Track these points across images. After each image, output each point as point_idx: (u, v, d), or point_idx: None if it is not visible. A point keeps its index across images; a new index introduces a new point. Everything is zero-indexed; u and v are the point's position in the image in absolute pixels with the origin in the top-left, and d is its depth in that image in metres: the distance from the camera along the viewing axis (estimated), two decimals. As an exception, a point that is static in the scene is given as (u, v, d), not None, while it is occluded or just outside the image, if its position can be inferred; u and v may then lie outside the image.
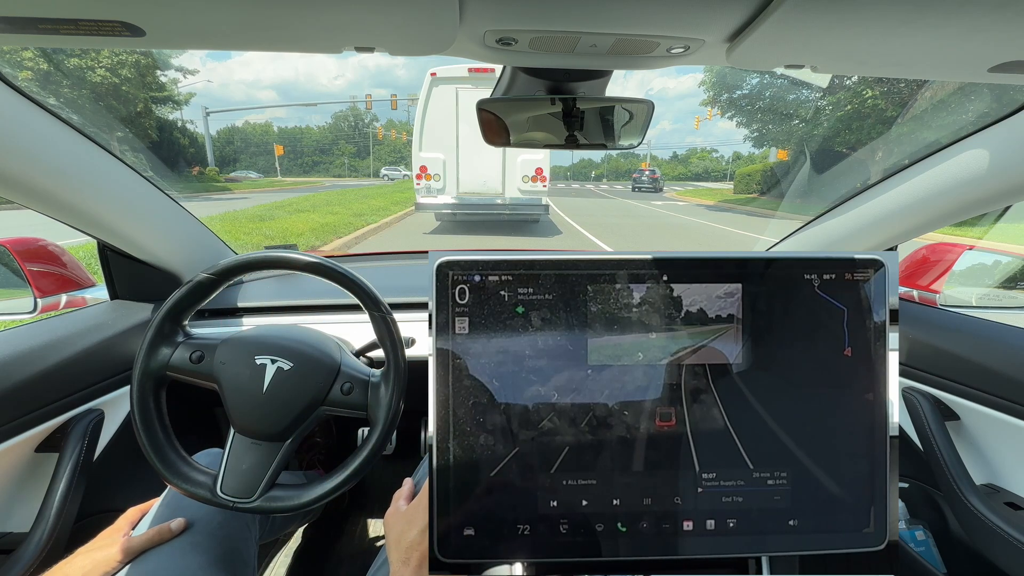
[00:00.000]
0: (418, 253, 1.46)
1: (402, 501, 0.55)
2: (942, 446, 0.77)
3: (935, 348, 0.81)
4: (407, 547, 0.48)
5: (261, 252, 0.66)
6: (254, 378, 0.63)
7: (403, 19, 0.41)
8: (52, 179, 0.66)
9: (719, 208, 18.29)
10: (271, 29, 0.43)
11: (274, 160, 54.94)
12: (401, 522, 0.51)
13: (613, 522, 0.42)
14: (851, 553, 0.43)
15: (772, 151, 22.24)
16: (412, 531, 0.48)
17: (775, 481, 0.42)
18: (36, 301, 0.85)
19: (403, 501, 0.55)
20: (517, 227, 8.87)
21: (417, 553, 0.47)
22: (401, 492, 0.57)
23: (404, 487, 0.58)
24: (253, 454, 0.63)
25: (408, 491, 0.57)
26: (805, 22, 0.39)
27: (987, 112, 2.64)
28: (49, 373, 0.72)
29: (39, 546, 0.68)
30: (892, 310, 0.42)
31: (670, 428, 0.42)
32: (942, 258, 0.97)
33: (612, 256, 0.42)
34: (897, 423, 0.43)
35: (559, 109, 0.68)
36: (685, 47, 0.49)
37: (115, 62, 18.54)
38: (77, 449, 0.74)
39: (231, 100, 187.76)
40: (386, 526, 0.53)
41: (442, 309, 0.41)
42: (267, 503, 0.62)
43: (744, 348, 0.42)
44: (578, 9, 0.42)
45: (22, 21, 0.39)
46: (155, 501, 0.72)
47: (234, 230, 7.68)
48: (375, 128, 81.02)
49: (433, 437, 0.41)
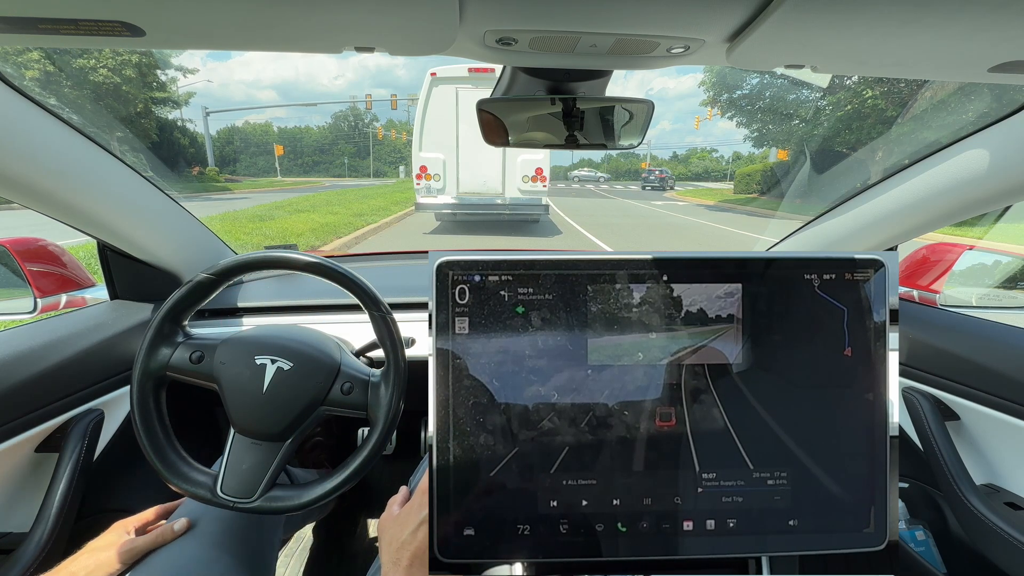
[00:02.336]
0: (418, 253, 1.46)
1: (396, 506, 0.56)
2: (942, 446, 0.77)
3: (935, 348, 0.81)
4: (398, 547, 0.48)
5: (261, 252, 0.66)
6: (254, 378, 0.63)
7: (403, 19, 0.41)
8: (52, 179, 0.66)
9: (719, 208, 18.30)
10: (271, 29, 0.43)
11: (274, 160, 54.95)
12: (394, 524, 0.51)
13: (613, 522, 0.42)
14: (851, 553, 0.43)
15: (772, 151, 22.24)
16: (403, 532, 0.49)
17: (775, 481, 0.42)
18: (36, 301, 0.85)
19: (397, 506, 0.56)
20: (517, 227, 8.87)
21: (408, 553, 0.47)
22: (396, 498, 0.58)
23: (399, 493, 0.59)
24: (253, 454, 0.63)
25: (403, 497, 0.58)
26: (805, 22, 0.39)
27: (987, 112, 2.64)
28: (49, 373, 0.72)
29: (39, 546, 0.68)
30: (892, 310, 0.42)
31: (670, 428, 0.42)
32: (942, 258, 0.97)
33: (612, 256, 0.42)
34: (897, 423, 0.43)
35: (559, 109, 0.68)
36: (685, 47, 0.49)
37: (116, 62, 18.55)
38: (77, 449, 0.74)
39: (231, 100, 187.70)
40: (380, 530, 0.53)
41: (442, 309, 0.41)
42: (267, 503, 0.62)
43: (744, 348, 0.42)
44: (578, 9, 0.42)
45: (22, 21, 0.39)
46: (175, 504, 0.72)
47: (234, 230, 7.68)
48: (375, 128, 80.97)
49: (433, 437, 0.41)
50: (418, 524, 0.48)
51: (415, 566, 0.46)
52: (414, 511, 0.50)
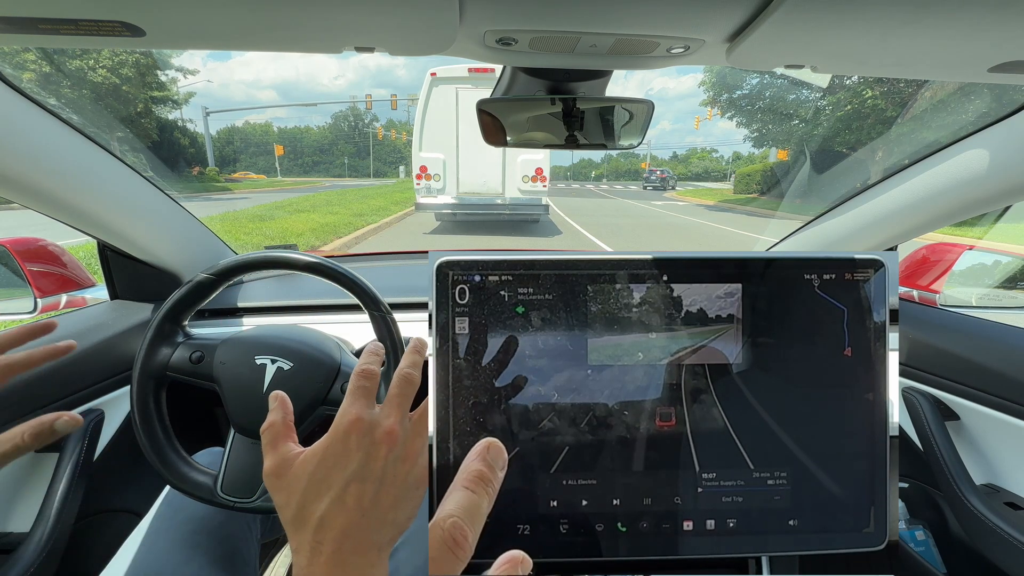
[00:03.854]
0: (418, 253, 1.46)
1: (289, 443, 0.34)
2: (942, 446, 0.77)
3: (935, 348, 0.81)
4: (316, 525, 0.30)
5: (261, 252, 0.66)
6: (254, 378, 0.63)
7: (403, 19, 0.41)
8: (52, 179, 0.66)
9: (719, 208, 18.29)
10: (271, 29, 0.43)
11: (274, 160, 54.96)
12: (301, 479, 0.31)
13: (613, 522, 0.42)
14: (851, 553, 0.43)
15: (772, 151, 22.24)
16: (321, 501, 0.30)
17: (775, 481, 0.42)
18: (36, 301, 0.85)
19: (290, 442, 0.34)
20: (517, 227, 8.87)
21: (332, 533, 0.30)
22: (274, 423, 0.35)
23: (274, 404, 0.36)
24: (253, 454, 0.63)
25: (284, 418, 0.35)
26: (805, 22, 0.39)
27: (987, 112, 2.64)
28: (49, 373, 0.72)
29: (39, 546, 0.68)
30: (892, 310, 0.42)
31: (670, 428, 0.42)
32: (942, 258, 0.97)
33: (612, 256, 0.42)
34: (897, 423, 0.43)
35: (559, 109, 0.68)
36: (685, 47, 0.49)
37: (115, 62, 18.56)
38: (77, 449, 0.74)
39: (231, 100, 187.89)
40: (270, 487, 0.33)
41: (442, 309, 0.41)
42: (267, 503, 0.62)
43: (744, 348, 0.42)
44: (578, 9, 0.42)
45: (22, 21, 0.39)
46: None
47: (234, 230, 7.68)
48: (375, 128, 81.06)
49: (433, 437, 0.41)
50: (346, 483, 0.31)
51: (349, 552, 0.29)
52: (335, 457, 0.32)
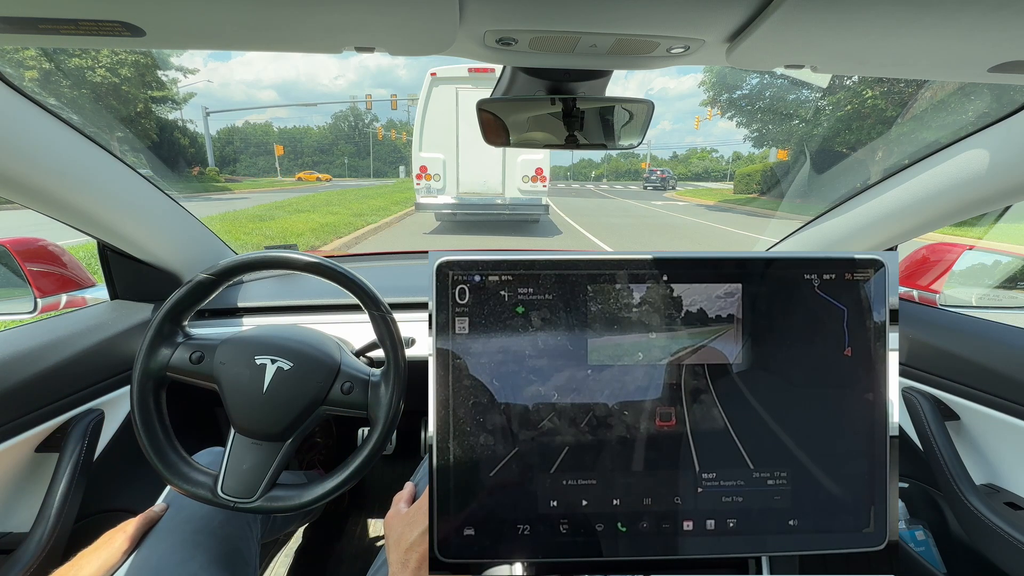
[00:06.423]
0: (418, 253, 1.46)
1: (403, 504, 0.55)
2: (942, 446, 0.77)
3: (935, 348, 0.81)
4: (406, 549, 0.48)
5: (261, 252, 0.66)
6: (254, 378, 0.63)
7: (403, 19, 0.41)
8: (52, 179, 0.66)
9: (719, 208, 18.29)
10: (271, 29, 0.43)
11: (274, 160, 54.95)
12: (401, 524, 0.51)
13: (613, 522, 0.42)
14: (851, 553, 0.43)
15: (772, 151, 22.24)
16: (412, 533, 0.48)
17: (775, 481, 0.42)
18: (36, 301, 0.85)
19: (403, 503, 0.55)
20: (517, 227, 8.87)
21: (416, 555, 0.47)
22: (402, 495, 0.57)
23: (404, 490, 0.58)
24: (253, 454, 0.63)
25: (408, 494, 0.57)
26: (805, 22, 0.39)
27: (987, 112, 2.64)
28: (49, 373, 0.72)
29: (39, 546, 0.68)
30: (892, 310, 0.42)
31: (670, 428, 0.42)
32: (942, 258, 0.97)
33: (612, 256, 0.42)
34: (897, 423, 0.43)
35: (559, 109, 0.68)
36: (685, 47, 0.49)
37: (115, 62, 18.55)
38: (77, 449, 0.74)
39: (231, 100, 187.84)
40: (386, 528, 0.53)
41: (442, 309, 0.41)
42: (268, 503, 0.62)
43: (744, 348, 0.42)
44: (578, 9, 0.42)
45: (22, 21, 0.39)
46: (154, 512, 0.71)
47: (234, 230, 7.69)
48: (375, 128, 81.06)
49: (433, 437, 0.41)
50: (427, 525, 0.48)
51: (423, 568, 0.46)
52: (422, 511, 0.50)
